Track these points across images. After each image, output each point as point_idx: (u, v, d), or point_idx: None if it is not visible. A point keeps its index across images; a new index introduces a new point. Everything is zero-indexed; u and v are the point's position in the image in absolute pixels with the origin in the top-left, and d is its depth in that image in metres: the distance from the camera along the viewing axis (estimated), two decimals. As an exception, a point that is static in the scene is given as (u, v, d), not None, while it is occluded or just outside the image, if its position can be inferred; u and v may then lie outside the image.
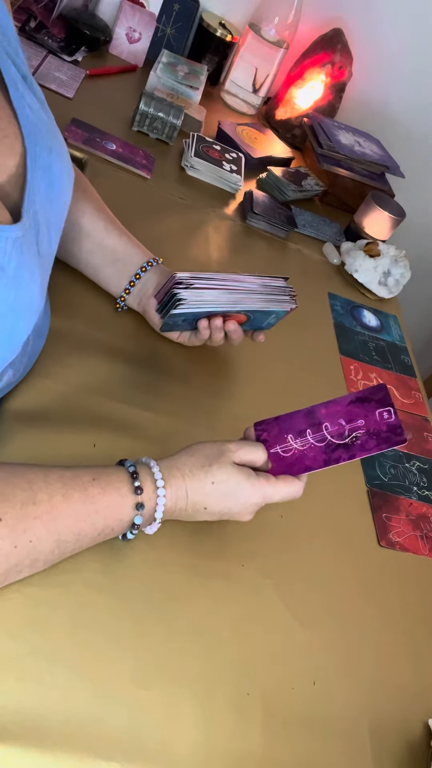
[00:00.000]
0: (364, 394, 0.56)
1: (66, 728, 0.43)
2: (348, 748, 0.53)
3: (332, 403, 0.56)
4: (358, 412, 0.55)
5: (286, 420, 0.57)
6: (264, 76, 1.37)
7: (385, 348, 1.03)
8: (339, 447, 0.55)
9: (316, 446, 0.55)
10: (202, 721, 0.48)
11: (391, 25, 1.38)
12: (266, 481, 0.54)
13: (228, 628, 0.55)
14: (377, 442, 0.54)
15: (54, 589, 0.49)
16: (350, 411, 0.55)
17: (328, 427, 0.55)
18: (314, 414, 0.56)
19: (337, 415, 0.56)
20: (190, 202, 1.03)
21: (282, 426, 0.57)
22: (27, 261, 0.44)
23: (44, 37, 1.15)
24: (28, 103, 0.46)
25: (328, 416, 0.56)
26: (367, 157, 1.29)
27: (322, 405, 0.56)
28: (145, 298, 0.71)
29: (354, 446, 0.54)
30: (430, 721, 0.58)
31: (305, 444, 0.56)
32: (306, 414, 0.56)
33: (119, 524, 0.49)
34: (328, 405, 0.56)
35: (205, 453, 0.53)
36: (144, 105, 1.07)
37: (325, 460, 0.55)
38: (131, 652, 0.49)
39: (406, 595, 0.68)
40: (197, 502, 0.52)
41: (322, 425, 0.56)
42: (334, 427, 0.55)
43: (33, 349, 0.60)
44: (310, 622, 0.59)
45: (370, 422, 0.55)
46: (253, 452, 0.55)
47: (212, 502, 0.52)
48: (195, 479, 0.52)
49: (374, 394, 0.56)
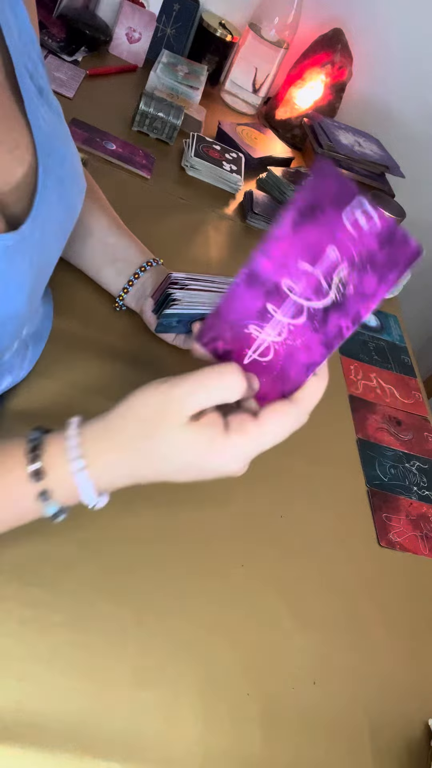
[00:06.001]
0: (305, 196, 0.35)
1: (66, 728, 0.43)
2: (348, 748, 0.53)
3: (271, 243, 0.36)
4: (316, 238, 0.35)
5: (228, 307, 0.38)
6: (264, 76, 1.37)
7: (385, 348, 1.03)
8: (329, 311, 0.36)
9: (298, 326, 0.37)
10: (201, 721, 0.48)
11: (391, 25, 1.38)
12: (245, 431, 0.38)
13: (228, 628, 0.54)
14: (380, 272, 0.34)
15: (54, 589, 0.49)
16: (304, 242, 0.35)
17: (293, 288, 0.37)
18: (257, 275, 0.37)
19: (291, 259, 0.36)
20: (190, 202, 1.03)
21: (230, 318, 0.39)
22: (14, 270, 0.43)
23: (44, 37, 1.15)
24: (43, 116, 0.46)
25: (279, 269, 0.36)
26: (367, 157, 1.29)
27: (259, 254, 0.37)
28: (143, 299, 0.71)
29: (348, 298, 0.35)
30: (430, 721, 0.58)
31: (280, 330, 0.38)
32: (246, 281, 0.37)
33: (24, 514, 0.40)
34: (267, 249, 0.36)
35: (143, 414, 0.38)
36: (144, 105, 1.07)
37: (323, 340, 0.37)
38: (131, 652, 0.49)
39: (406, 595, 0.68)
40: (151, 478, 0.40)
41: (281, 288, 0.37)
42: (300, 283, 0.36)
43: (33, 354, 0.60)
44: (310, 622, 0.59)
45: (346, 245, 0.35)
46: (218, 388, 0.37)
47: (173, 476, 0.40)
48: (136, 455, 0.39)
49: (320, 186, 0.34)
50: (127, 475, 0.40)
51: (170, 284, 0.63)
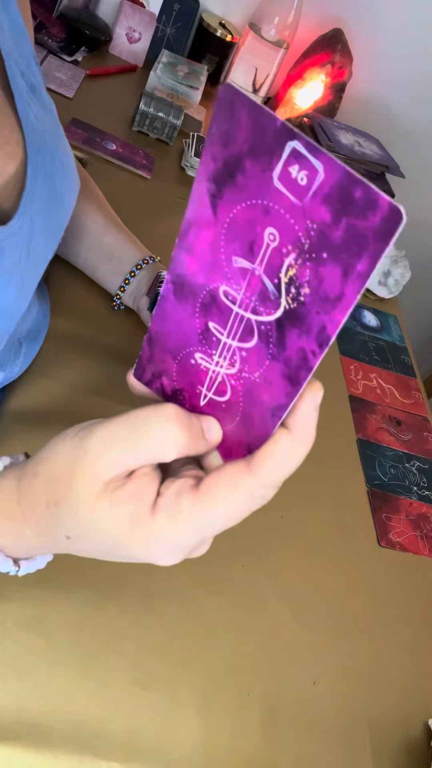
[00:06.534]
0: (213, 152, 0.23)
1: (66, 728, 0.43)
2: (348, 748, 0.53)
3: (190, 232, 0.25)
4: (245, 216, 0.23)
5: (163, 331, 0.29)
6: (264, 76, 1.37)
7: (385, 348, 1.03)
8: (284, 327, 0.24)
9: (251, 351, 0.26)
10: (202, 721, 0.48)
11: (391, 25, 1.38)
12: (176, 512, 0.26)
13: (228, 628, 0.54)
14: (341, 259, 0.20)
15: (54, 589, 0.49)
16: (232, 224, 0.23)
17: (232, 296, 0.25)
18: (184, 281, 0.26)
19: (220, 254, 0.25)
20: (190, 202, 1.03)
21: (169, 346, 0.29)
22: (5, 265, 0.44)
23: (44, 37, 1.15)
24: (34, 113, 0.47)
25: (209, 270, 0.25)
26: (367, 157, 1.29)
27: (179, 251, 0.26)
28: (139, 297, 0.71)
29: (306, 305, 0.22)
30: (430, 721, 0.58)
31: (232, 357, 0.27)
32: (175, 292, 0.27)
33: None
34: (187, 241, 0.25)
35: (53, 470, 0.29)
36: (144, 105, 1.07)
37: (285, 372, 0.25)
38: (131, 652, 0.49)
39: (406, 595, 0.68)
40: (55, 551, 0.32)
41: (219, 297, 0.26)
42: (239, 288, 0.25)
43: (28, 351, 0.60)
44: (310, 622, 0.59)
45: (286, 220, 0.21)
46: (147, 440, 0.26)
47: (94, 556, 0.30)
48: (38, 523, 0.30)
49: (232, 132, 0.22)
50: (36, 547, 0.32)
51: (161, 282, 0.62)
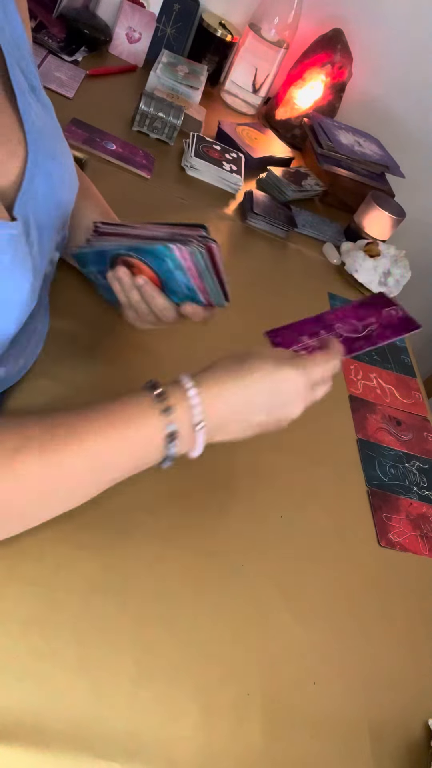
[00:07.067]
0: (366, 300, 0.59)
1: (66, 728, 0.43)
2: (348, 748, 0.53)
3: (338, 310, 0.58)
4: (365, 313, 0.57)
5: (297, 326, 0.57)
6: (264, 76, 1.37)
7: (385, 348, 1.03)
8: (358, 339, 0.56)
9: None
10: (202, 721, 0.48)
11: (391, 25, 1.38)
12: (303, 357, 0.52)
13: (228, 628, 0.55)
14: (394, 331, 0.56)
15: (54, 589, 0.49)
16: (358, 313, 0.58)
17: (340, 327, 0.57)
18: (323, 319, 0.57)
19: (347, 317, 0.57)
20: (190, 202, 1.03)
21: (294, 331, 0.57)
22: (21, 258, 0.45)
23: (44, 37, 1.15)
24: (35, 111, 0.48)
25: (337, 320, 0.57)
26: (367, 157, 1.29)
27: (328, 312, 0.58)
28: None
29: (372, 336, 0.56)
30: (430, 721, 0.58)
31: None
32: (315, 320, 0.57)
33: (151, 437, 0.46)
34: (335, 311, 0.58)
35: (235, 353, 0.51)
36: (144, 105, 1.07)
37: (348, 349, 0.56)
38: (131, 652, 0.49)
39: (406, 595, 0.68)
40: (240, 404, 0.49)
41: (334, 327, 0.57)
42: (346, 327, 0.57)
43: (31, 352, 0.60)
44: (310, 622, 0.59)
45: (381, 319, 0.57)
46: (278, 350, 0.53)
47: (257, 396, 0.49)
48: (232, 374, 0.49)
49: (375, 300, 0.59)
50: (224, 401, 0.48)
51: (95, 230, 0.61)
